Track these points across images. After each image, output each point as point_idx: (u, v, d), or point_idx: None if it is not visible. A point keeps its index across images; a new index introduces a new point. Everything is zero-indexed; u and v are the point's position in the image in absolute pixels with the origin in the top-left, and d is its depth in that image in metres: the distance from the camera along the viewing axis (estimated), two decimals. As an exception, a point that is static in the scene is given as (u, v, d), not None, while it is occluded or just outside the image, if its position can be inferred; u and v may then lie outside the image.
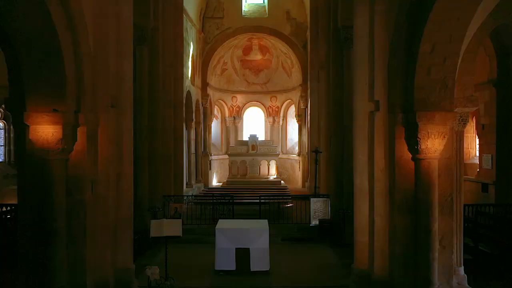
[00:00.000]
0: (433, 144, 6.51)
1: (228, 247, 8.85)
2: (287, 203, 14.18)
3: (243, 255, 8.83)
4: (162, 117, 12.64)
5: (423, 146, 6.48)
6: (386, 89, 7.07)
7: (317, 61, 13.26)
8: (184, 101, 15.65)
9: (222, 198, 13.54)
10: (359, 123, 7.64)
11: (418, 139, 6.47)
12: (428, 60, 6.37)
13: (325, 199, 12.65)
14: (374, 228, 7.16)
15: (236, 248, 8.82)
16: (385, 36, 6.95)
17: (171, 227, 7.67)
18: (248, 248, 8.85)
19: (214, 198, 13.43)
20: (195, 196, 16.75)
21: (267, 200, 13.62)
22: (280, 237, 12.05)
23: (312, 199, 12.65)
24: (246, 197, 15.04)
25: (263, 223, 9.64)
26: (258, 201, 13.42)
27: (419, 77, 6.47)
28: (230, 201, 13.11)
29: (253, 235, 9.03)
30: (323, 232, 12.19)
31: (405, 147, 6.82)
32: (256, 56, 22.59)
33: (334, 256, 10.65)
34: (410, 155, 6.76)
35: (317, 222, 12.49)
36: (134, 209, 12.58)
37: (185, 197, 13.33)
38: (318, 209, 12.64)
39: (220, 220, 9.82)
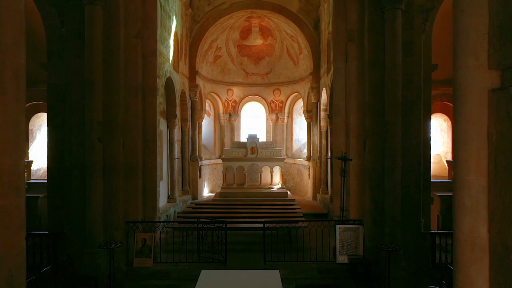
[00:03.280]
0: None
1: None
2: (297, 224, 10.40)
3: None
4: (125, 109, 8.89)
5: None
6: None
7: (344, 32, 9.49)
8: (162, 90, 11.87)
9: (213, 218, 9.80)
10: (468, 113, 3.92)
11: None
12: None
13: (356, 226, 8.92)
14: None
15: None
16: None
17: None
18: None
19: (201, 220, 9.65)
20: (179, 214, 12.97)
21: (273, 224, 9.86)
22: (294, 283, 8.30)
23: (338, 227, 8.92)
24: (245, 218, 11.29)
25: (273, 278, 5.86)
26: (260, 224, 9.72)
27: None
28: (223, 226, 9.35)
29: (257, 305, 5.29)
30: (356, 276, 8.45)
31: None
32: (256, 41, 18.83)
33: (381, 322, 6.92)
34: None
35: (346, 260, 8.77)
36: (80, 244, 8.90)
37: (159, 224, 9.50)
38: (347, 240, 8.92)
39: (203, 272, 6.06)
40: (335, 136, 9.79)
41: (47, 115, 9.60)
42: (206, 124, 19.38)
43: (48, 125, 9.56)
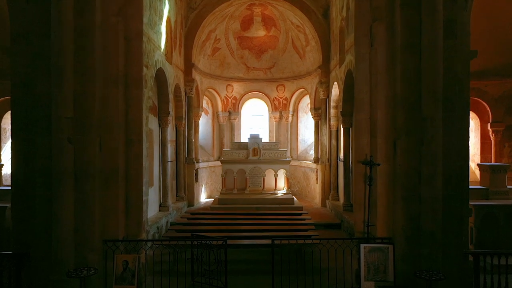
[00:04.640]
0: None
1: None
2: (311, 241, 8.80)
3: None
4: (102, 103, 7.29)
5: None
6: None
7: (368, 9, 7.87)
8: (151, 82, 10.25)
9: (210, 232, 8.22)
10: None
11: None
12: None
13: (385, 246, 7.33)
14: None
15: None
16: None
17: None
18: None
19: (196, 235, 8.07)
20: (171, 225, 11.37)
21: (283, 240, 8.29)
22: (311, 319, 6.72)
23: (362, 246, 7.32)
24: (248, 232, 9.70)
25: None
26: (267, 240, 8.16)
27: None
28: (223, 243, 7.74)
29: None
30: (388, 309, 6.85)
31: None
32: (258, 32, 17.24)
33: None
34: None
35: (373, 287, 7.16)
36: (45, 272, 7.27)
37: (144, 242, 7.85)
38: (373, 263, 7.31)
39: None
40: (357, 136, 8.20)
41: (11, 110, 7.97)
42: (204, 123, 17.76)
43: (12, 123, 7.94)
